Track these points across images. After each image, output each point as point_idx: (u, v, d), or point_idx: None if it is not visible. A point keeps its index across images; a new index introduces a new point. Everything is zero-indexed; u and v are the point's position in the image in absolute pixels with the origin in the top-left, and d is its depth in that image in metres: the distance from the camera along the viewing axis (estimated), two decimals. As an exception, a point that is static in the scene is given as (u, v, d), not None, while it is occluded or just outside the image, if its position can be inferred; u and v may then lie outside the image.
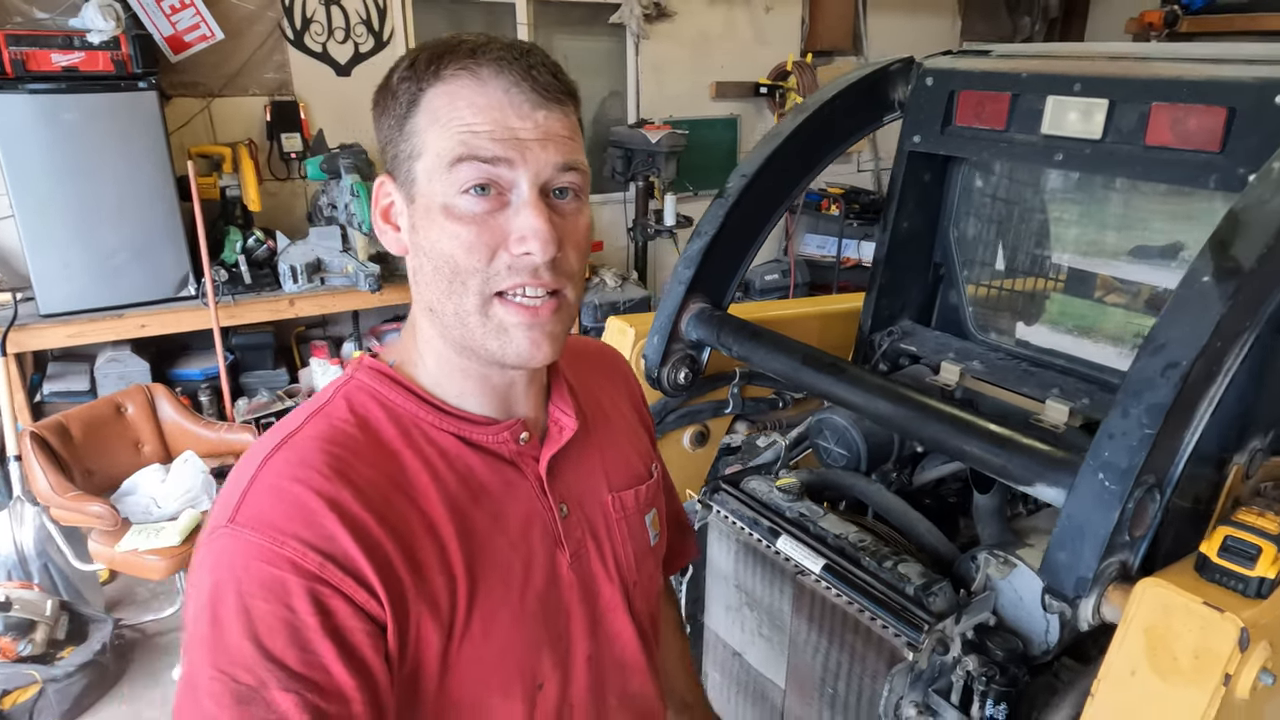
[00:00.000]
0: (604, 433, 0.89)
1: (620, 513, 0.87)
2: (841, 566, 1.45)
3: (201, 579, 0.65)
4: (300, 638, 0.62)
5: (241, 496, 0.67)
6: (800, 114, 1.82)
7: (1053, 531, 1.08)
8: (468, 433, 0.76)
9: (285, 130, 3.71)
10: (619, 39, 4.65)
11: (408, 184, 0.72)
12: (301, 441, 0.70)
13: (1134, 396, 1.04)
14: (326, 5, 3.75)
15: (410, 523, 0.70)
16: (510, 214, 0.69)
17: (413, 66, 0.71)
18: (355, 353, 3.23)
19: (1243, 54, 1.46)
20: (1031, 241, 1.91)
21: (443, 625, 0.70)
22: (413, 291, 0.77)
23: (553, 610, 0.79)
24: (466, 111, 0.68)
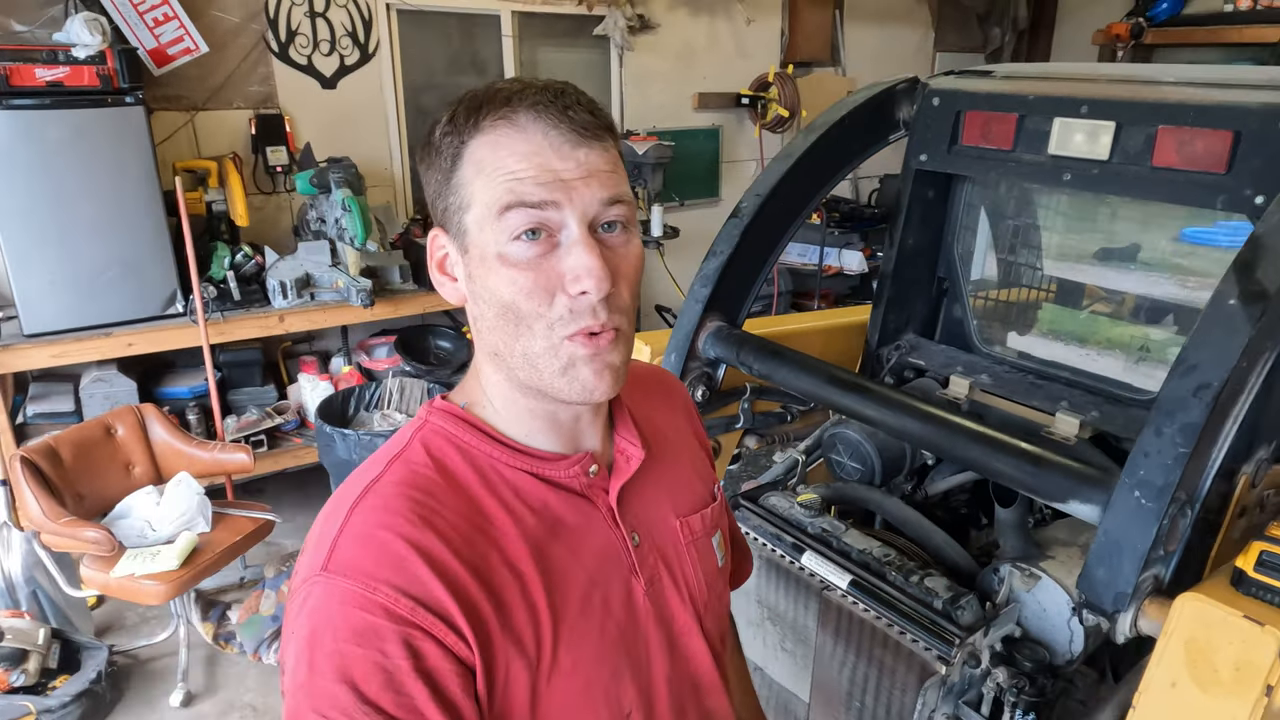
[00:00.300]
0: (667, 458, 0.90)
1: (689, 537, 0.89)
2: (868, 581, 1.48)
3: (299, 626, 0.67)
4: (394, 681, 0.64)
5: (333, 544, 0.69)
6: (811, 134, 1.85)
7: (1090, 548, 1.12)
8: (540, 469, 0.78)
9: (270, 144, 3.66)
10: (603, 51, 4.67)
11: (460, 235, 0.73)
12: (385, 488, 0.72)
13: (1167, 416, 1.08)
14: (312, 18, 3.71)
15: (492, 563, 0.72)
16: (562, 254, 0.70)
17: (453, 120, 0.72)
18: (344, 368, 3.19)
19: (1246, 79, 1.51)
20: (1035, 256, 1.96)
21: (530, 663, 0.72)
22: (475, 339, 0.79)
23: (632, 639, 0.81)
24: (509, 159, 0.69)
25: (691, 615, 0.87)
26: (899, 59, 6.14)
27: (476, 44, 4.29)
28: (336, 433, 3.02)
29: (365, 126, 3.98)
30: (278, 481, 3.67)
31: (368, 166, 3.78)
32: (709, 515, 0.93)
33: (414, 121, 4.18)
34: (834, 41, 5.61)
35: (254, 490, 3.74)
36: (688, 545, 0.88)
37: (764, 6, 5.15)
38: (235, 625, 2.87)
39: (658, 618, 0.84)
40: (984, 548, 1.86)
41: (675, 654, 0.86)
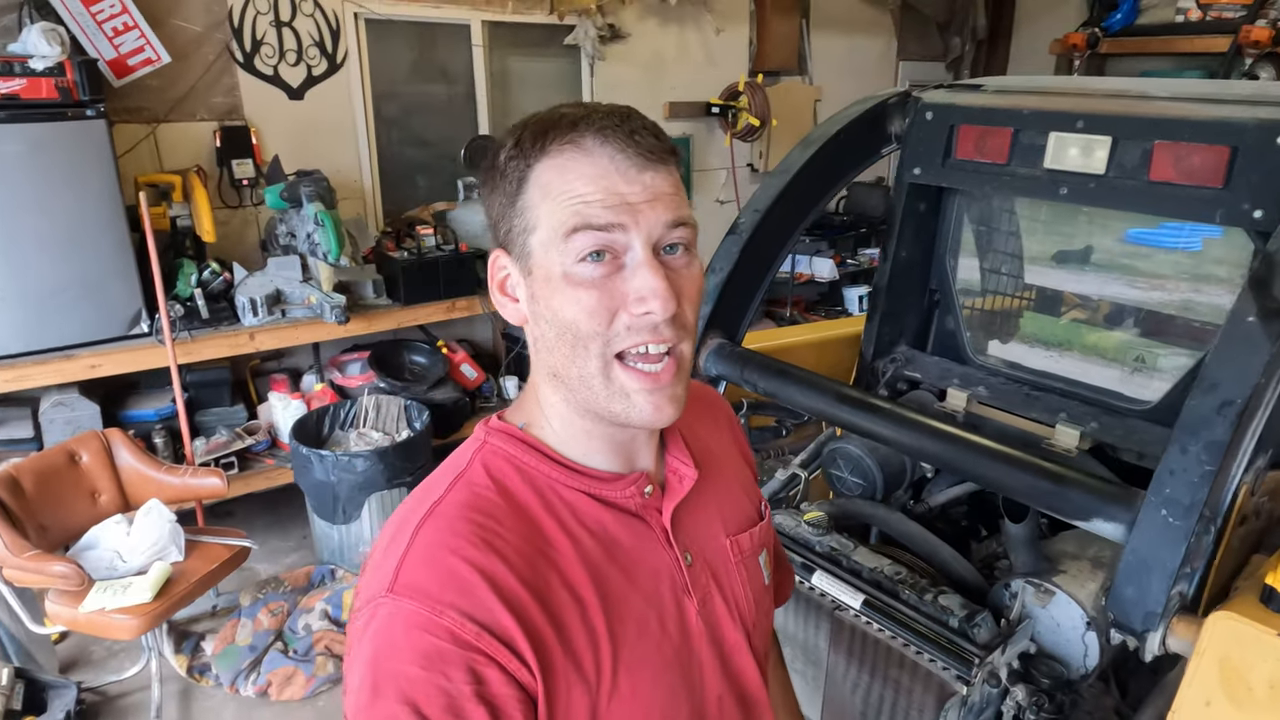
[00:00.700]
0: (716, 478, 0.90)
1: (738, 556, 0.89)
2: (881, 601, 1.47)
3: (363, 647, 0.68)
4: (456, 706, 0.64)
5: (398, 566, 0.69)
6: (807, 148, 1.85)
7: (1117, 568, 1.11)
8: (597, 490, 0.78)
9: (236, 156, 3.56)
10: (574, 60, 4.64)
11: (524, 257, 0.74)
12: (448, 509, 0.73)
13: (1191, 434, 1.08)
14: (278, 27, 3.62)
15: (554, 587, 0.72)
16: (627, 275, 0.71)
17: (518, 145, 0.73)
18: (317, 385, 3.11)
19: (1240, 94, 1.54)
20: (1028, 267, 1.98)
21: (590, 688, 0.72)
22: (533, 359, 0.79)
23: (686, 659, 0.81)
24: (577, 183, 0.70)
25: (741, 633, 0.87)
26: (863, 68, 6.22)
27: (446, 54, 4.23)
28: (313, 454, 2.93)
29: (334, 138, 3.89)
30: (248, 503, 3.56)
31: (338, 179, 3.69)
32: (757, 534, 0.93)
33: (383, 132, 4.10)
34: (801, 51, 5.65)
35: (223, 514, 3.63)
36: (737, 564, 0.89)
37: (732, 16, 5.17)
38: (210, 657, 2.77)
39: (710, 637, 0.84)
40: (985, 559, 1.86)
41: (727, 673, 0.86)
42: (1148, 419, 1.66)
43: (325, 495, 2.98)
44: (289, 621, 2.86)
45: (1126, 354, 1.79)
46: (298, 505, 3.54)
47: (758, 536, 0.93)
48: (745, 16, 5.26)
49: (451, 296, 3.69)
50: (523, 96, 4.56)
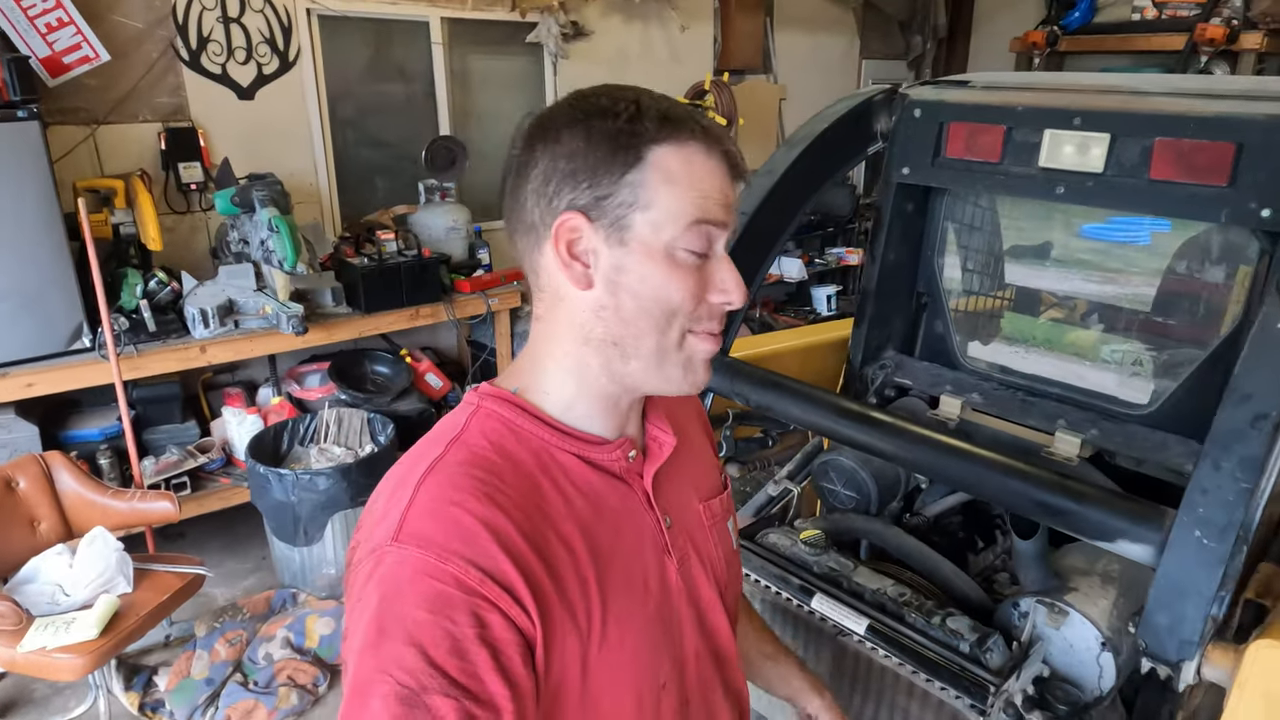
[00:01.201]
0: (688, 447, 0.95)
1: (710, 520, 0.95)
2: (887, 625, 1.39)
3: (369, 592, 0.69)
4: (460, 648, 0.67)
5: (402, 517, 0.71)
6: (793, 148, 1.77)
7: (1148, 592, 1.05)
8: (587, 453, 0.82)
9: (183, 159, 3.38)
10: (536, 58, 4.52)
11: (619, 229, 0.76)
12: (448, 466, 0.75)
13: (1224, 449, 1.02)
14: (225, 23, 3.44)
15: (550, 541, 0.75)
16: (713, 266, 0.78)
17: (637, 120, 0.75)
18: (274, 399, 2.95)
19: (1237, 88, 1.49)
20: (1022, 269, 1.93)
21: (582, 636, 0.75)
22: (574, 326, 0.80)
23: (668, 615, 0.86)
24: (705, 179, 0.76)
25: (715, 593, 0.92)
26: (827, 66, 6.19)
27: (404, 51, 4.08)
28: (272, 473, 2.78)
29: (287, 139, 3.72)
30: (202, 523, 3.38)
31: (292, 182, 3.53)
32: (725, 500, 0.99)
33: (340, 133, 3.94)
34: (766, 49, 5.60)
35: (174, 536, 3.45)
36: (710, 527, 0.94)
37: (696, 14, 5.10)
38: (164, 693, 2.60)
39: (688, 596, 0.89)
40: (983, 572, 1.80)
41: (703, 629, 0.91)
42: (1146, 424, 1.62)
43: (285, 516, 2.83)
44: (248, 651, 2.70)
45: (1123, 357, 1.74)
46: (255, 524, 3.37)
47: (726, 503, 0.99)
48: (709, 14, 5.19)
49: (415, 303, 3.55)
50: (484, 96, 4.42)
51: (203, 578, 2.56)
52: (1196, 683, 1.04)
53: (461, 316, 3.74)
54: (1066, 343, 1.89)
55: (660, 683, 0.84)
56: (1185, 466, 1.48)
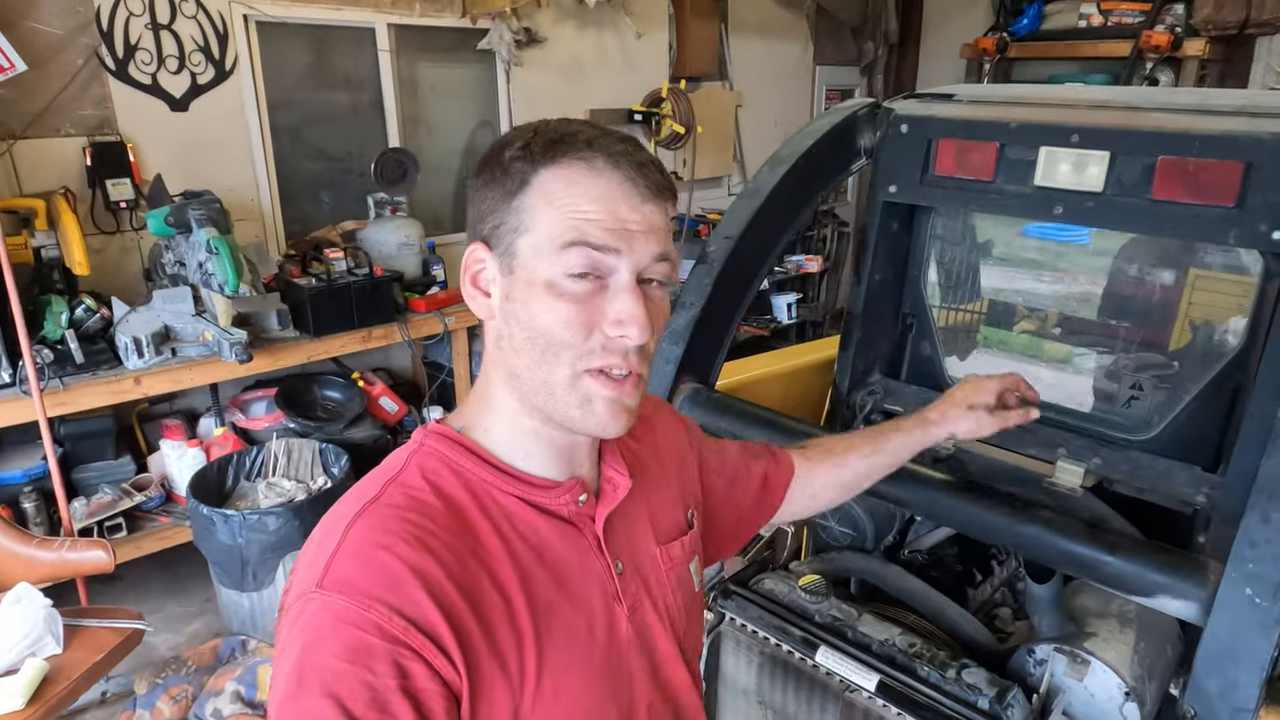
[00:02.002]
0: (649, 486, 0.92)
1: (668, 564, 0.90)
2: (899, 680, 1.30)
3: (291, 641, 0.67)
4: (380, 699, 0.63)
5: (329, 562, 0.68)
6: (777, 168, 1.67)
7: (1197, 654, 0.97)
8: (532, 496, 0.78)
9: (111, 176, 3.15)
10: (488, 66, 4.37)
11: (508, 256, 0.74)
12: (382, 509, 0.73)
13: (1273, 498, 0.95)
14: (155, 30, 3.22)
15: (484, 589, 0.72)
16: (609, 297, 0.73)
17: (528, 147, 0.73)
18: (217, 430, 2.75)
19: (1235, 104, 1.44)
20: (1015, 290, 1.86)
21: (513, 689, 0.72)
22: (490, 357, 0.79)
23: (615, 666, 0.81)
24: (583, 200, 0.72)
25: (671, 642, 0.89)
26: (782, 73, 6.16)
27: (349, 60, 3.89)
28: (216, 514, 2.59)
29: (225, 154, 3.51)
30: (139, 565, 3.15)
31: (231, 198, 3.34)
32: (687, 543, 0.94)
33: (282, 146, 3.74)
34: (721, 56, 5.54)
35: (109, 580, 3.21)
36: (667, 571, 0.90)
37: (651, 20, 5.01)
38: (100, 757, 2.39)
39: (640, 645, 0.85)
40: (982, 607, 1.73)
41: (657, 680, 0.87)
42: (1148, 450, 1.56)
43: (232, 560, 2.64)
44: (195, 708, 2.51)
45: (1121, 382, 1.68)
46: (198, 563, 3.16)
47: (688, 545, 0.94)
48: (664, 21, 5.10)
49: (367, 324, 3.37)
50: (435, 105, 4.26)
51: (142, 633, 2.36)
52: (1249, 751, 0.96)
53: (417, 337, 3.58)
54: (1063, 365, 1.84)
55: None
56: (1194, 497, 1.43)
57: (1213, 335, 1.58)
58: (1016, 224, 1.84)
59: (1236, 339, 1.50)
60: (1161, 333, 1.71)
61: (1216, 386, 1.50)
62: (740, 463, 1.11)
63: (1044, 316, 1.94)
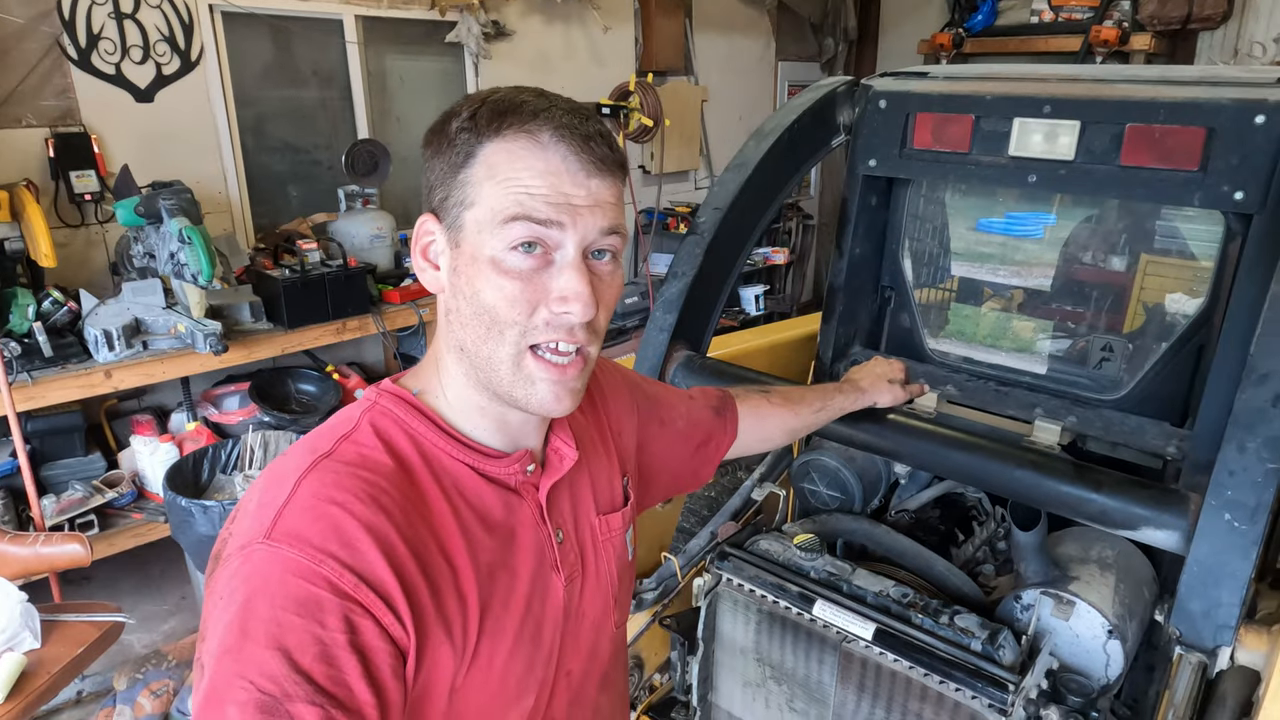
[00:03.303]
0: (593, 458, 0.93)
1: (607, 534, 0.92)
2: (894, 629, 1.35)
3: (233, 590, 0.65)
4: (328, 654, 0.63)
5: (278, 513, 0.67)
6: (763, 140, 1.72)
7: (1180, 579, 1.03)
8: (480, 464, 0.79)
9: (75, 167, 3.09)
10: (457, 59, 4.36)
11: (455, 229, 0.74)
12: (334, 465, 0.71)
13: (1248, 430, 1.01)
14: (118, 20, 3.17)
15: (432, 551, 0.72)
16: (554, 272, 0.73)
17: (474, 119, 0.73)
18: (189, 424, 2.72)
19: (1195, 75, 1.52)
20: (986, 261, 1.93)
21: (455, 650, 0.73)
22: (441, 328, 0.80)
23: (547, 633, 0.83)
24: (525, 173, 0.71)
25: (603, 611, 0.91)
26: (746, 68, 6.24)
27: (317, 51, 3.86)
28: (195, 506, 2.55)
29: (192, 145, 3.46)
30: (111, 564, 3.09)
31: (199, 190, 3.28)
32: (627, 514, 0.97)
33: (250, 138, 3.69)
34: (686, 50, 5.59)
35: (79, 580, 3.15)
36: (605, 541, 0.92)
37: (617, 15, 5.04)
38: (80, 755, 2.35)
39: (572, 613, 0.86)
40: (966, 564, 1.78)
41: (583, 651, 0.89)
42: (1120, 409, 1.63)
43: (209, 551, 2.60)
44: (177, 702, 2.47)
45: (1092, 344, 1.75)
46: (170, 560, 3.12)
47: (628, 517, 0.96)
48: (630, 15, 5.14)
49: (341, 316, 3.35)
50: (405, 98, 4.24)
51: (122, 625, 2.32)
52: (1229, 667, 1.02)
53: (391, 328, 3.56)
54: (1035, 331, 1.90)
55: (530, 703, 0.82)
56: (1164, 449, 1.50)
57: (1174, 299, 1.66)
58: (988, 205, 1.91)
59: (1202, 299, 1.58)
60: (1123, 303, 1.79)
61: (1181, 345, 1.57)
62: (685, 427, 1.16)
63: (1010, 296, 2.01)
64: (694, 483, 1.26)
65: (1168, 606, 1.06)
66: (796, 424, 1.35)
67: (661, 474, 1.14)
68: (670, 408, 1.15)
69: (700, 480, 1.26)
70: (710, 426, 1.22)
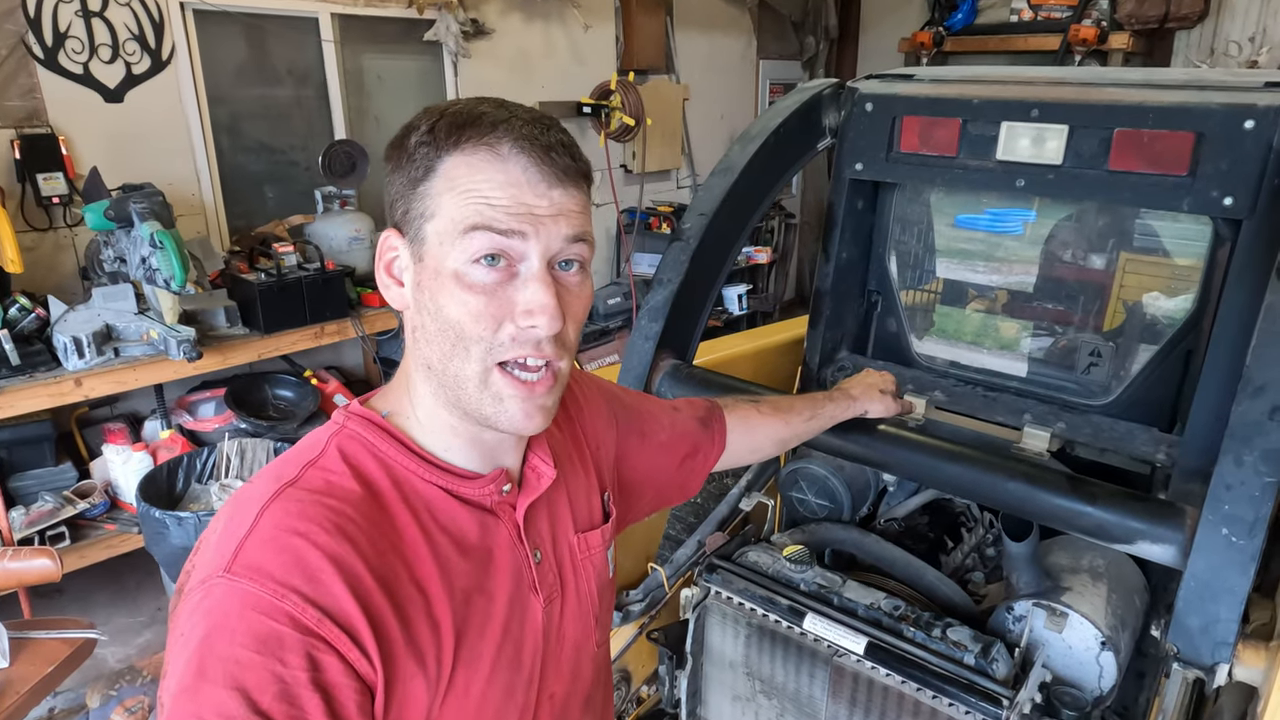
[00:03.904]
0: (571, 475, 0.91)
1: (586, 553, 0.90)
2: (886, 643, 1.33)
3: (193, 625, 0.63)
4: (289, 693, 0.61)
5: (239, 546, 0.65)
6: (749, 144, 1.69)
7: (1178, 594, 1.01)
8: (454, 486, 0.77)
9: (42, 170, 3.01)
10: (435, 58, 4.30)
11: (417, 243, 0.73)
12: (299, 493, 0.69)
13: (1244, 443, 0.99)
14: (86, 18, 3.09)
15: (402, 580, 0.70)
16: (519, 285, 0.71)
17: (432, 132, 0.72)
18: (163, 432, 2.66)
19: (1182, 79, 1.51)
20: (968, 260, 1.91)
21: (429, 681, 0.70)
22: (409, 347, 0.78)
23: (527, 656, 0.81)
24: (485, 185, 0.70)
25: (584, 631, 0.89)
26: (727, 67, 6.22)
27: (293, 50, 3.80)
28: (169, 517, 2.49)
29: (164, 146, 3.39)
30: (83, 577, 3.02)
31: (172, 193, 3.21)
32: (607, 531, 0.95)
33: (223, 139, 3.62)
34: (667, 49, 5.56)
35: (51, 593, 3.07)
36: (584, 560, 0.90)
37: (598, 13, 5.00)
38: (52, 775, 2.29)
39: (553, 635, 0.85)
40: (955, 572, 1.77)
41: (564, 672, 0.87)
42: (1109, 414, 1.62)
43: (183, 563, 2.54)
44: (152, 718, 2.41)
45: (1080, 348, 1.74)
46: (145, 571, 3.06)
47: (608, 534, 0.94)
48: (611, 14, 5.10)
49: (319, 320, 3.30)
50: (383, 98, 4.18)
51: (94, 642, 2.26)
52: (1227, 683, 1.01)
53: (371, 332, 3.51)
54: (1019, 331, 1.89)
55: None
56: (1153, 455, 1.49)
57: (1162, 304, 1.65)
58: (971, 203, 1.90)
59: (1189, 305, 1.58)
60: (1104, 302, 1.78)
61: (1169, 350, 1.57)
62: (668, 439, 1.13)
63: (994, 297, 2.00)
64: (681, 495, 1.24)
65: (1164, 622, 1.04)
66: (787, 434, 1.33)
67: (646, 487, 1.12)
68: (652, 419, 1.13)
69: (688, 493, 1.24)
70: (696, 438, 1.19)
